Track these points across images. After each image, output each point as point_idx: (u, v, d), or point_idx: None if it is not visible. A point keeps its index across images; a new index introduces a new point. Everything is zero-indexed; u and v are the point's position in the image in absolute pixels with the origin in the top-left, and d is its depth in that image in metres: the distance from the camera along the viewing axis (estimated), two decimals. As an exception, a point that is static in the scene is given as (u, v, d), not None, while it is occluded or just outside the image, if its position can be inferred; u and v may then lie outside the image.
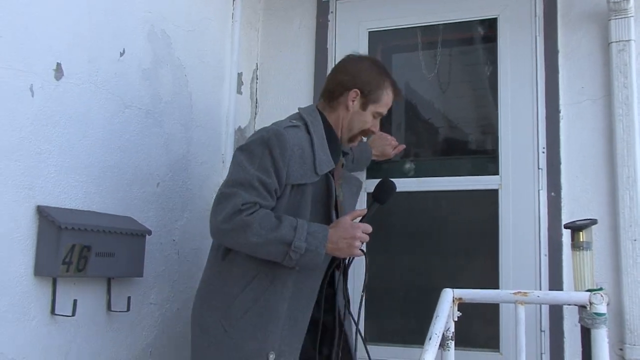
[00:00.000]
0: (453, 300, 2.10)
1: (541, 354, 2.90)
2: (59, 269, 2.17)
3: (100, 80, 2.47)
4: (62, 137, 2.29)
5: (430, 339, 1.94)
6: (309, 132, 2.31)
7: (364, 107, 2.41)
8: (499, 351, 2.99)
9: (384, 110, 2.47)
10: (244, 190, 2.16)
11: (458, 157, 3.37)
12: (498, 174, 3.12)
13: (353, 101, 2.40)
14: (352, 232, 2.21)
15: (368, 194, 3.28)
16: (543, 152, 3.02)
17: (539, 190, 3.01)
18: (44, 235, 2.17)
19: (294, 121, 2.34)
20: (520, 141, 3.09)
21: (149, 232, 2.58)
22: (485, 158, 3.25)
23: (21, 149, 2.13)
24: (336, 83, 2.43)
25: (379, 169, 3.32)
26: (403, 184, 3.22)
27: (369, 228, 2.26)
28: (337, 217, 2.36)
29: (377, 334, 3.23)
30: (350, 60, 2.53)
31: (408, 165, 3.36)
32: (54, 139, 2.26)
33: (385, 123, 3.39)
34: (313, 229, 2.18)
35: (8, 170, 2.09)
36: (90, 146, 2.42)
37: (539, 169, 3.03)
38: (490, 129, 3.26)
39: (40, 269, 2.17)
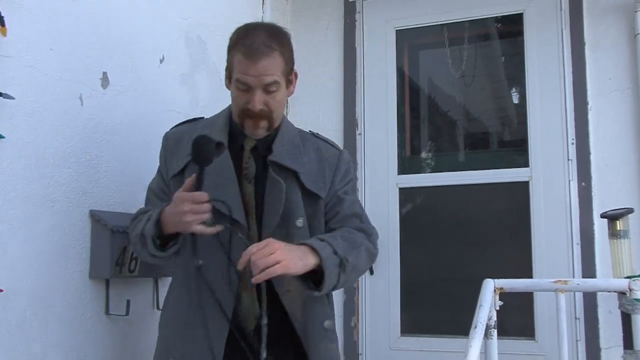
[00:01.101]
0: (494, 290, 2.17)
1: (577, 340, 2.97)
2: (112, 271, 2.26)
3: (142, 87, 2.55)
4: (110, 143, 2.38)
5: (475, 327, 2.00)
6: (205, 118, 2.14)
7: (229, 79, 1.98)
8: (534, 339, 3.05)
9: (241, 76, 1.90)
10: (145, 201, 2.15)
11: (488, 151, 3.45)
12: (528, 166, 3.18)
13: (227, 77, 2.01)
14: (181, 206, 1.79)
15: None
16: (572, 144, 3.08)
17: (569, 181, 3.07)
18: (97, 238, 2.26)
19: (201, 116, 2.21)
20: (549, 133, 3.15)
21: (194, 233, 2.65)
22: (515, 151, 3.32)
23: (73, 155, 2.22)
24: None
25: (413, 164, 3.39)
26: (436, 179, 3.31)
27: (200, 197, 1.79)
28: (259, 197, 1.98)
29: (414, 326, 3.30)
30: None
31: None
32: (103, 145, 2.35)
33: (414, 119, 3.46)
34: (155, 211, 1.92)
35: (62, 176, 2.18)
36: (135, 151, 2.50)
37: (568, 160, 3.09)
38: (519, 123, 3.32)
39: (94, 271, 2.26)
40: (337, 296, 3.37)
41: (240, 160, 2.00)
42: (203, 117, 2.15)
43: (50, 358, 2.10)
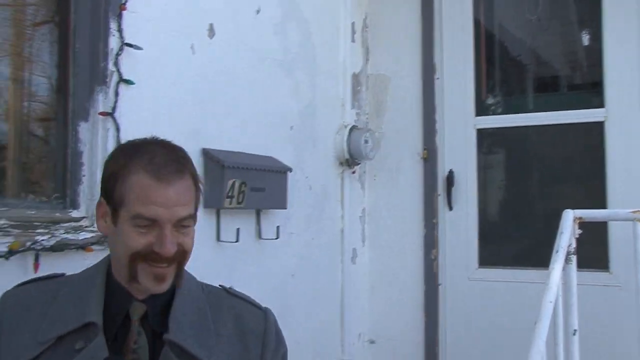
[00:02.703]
0: (574, 220, 2.34)
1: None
2: (223, 202, 2.53)
3: (242, 37, 2.78)
4: (217, 88, 2.63)
5: (557, 252, 2.20)
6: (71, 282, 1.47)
7: (113, 217, 1.41)
8: (609, 271, 3.22)
9: (144, 209, 1.37)
10: None
11: (563, 93, 3.57)
12: (604, 107, 3.29)
13: (103, 215, 1.45)
14: None
15: (478, 129, 3.52)
16: (649, 84, 3.18)
17: (645, 120, 3.19)
18: (210, 173, 2.53)
19: (64, 274, 1.54)
20: (624, 74, 3.24)
21: (290, 169, 2.91)
22: (590, 92, 3.43)
23: (187, 99, 2.48)
24: None
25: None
26: (511, 120, 3.47)
27: None
28: None
29: (491, 258, 3.51)
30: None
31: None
32: (212, 89, 2.60)
33: (490, 63, 3.61)
34: None
35: (178, 118, 2.44)
36: (238, 96, 2.75)
37: (644, 99, 3.20)
38: (593, 65, 3.42)
39: (208, 202, 2.53)
40: (417, 230, 3.61)
41: (124, 337, 1.40)
42: (57, 275, 1.52)
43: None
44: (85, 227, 2.08)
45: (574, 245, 2.35)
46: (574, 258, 2.34)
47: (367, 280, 3.73)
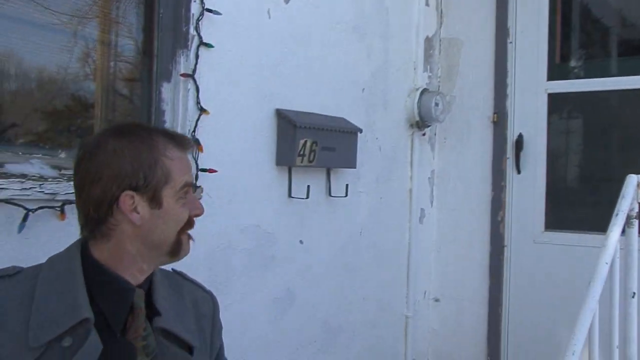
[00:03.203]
0: (637, 184, 2.37)
1: None
2: (295, 160, 2.67)
3: (316, 2, 2.88)
4: (291, 51, 2.75)
5: (617, 215, 2.25)
6: (36, 278, 1.37)
7: (156, 202, 1.41)
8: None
9: (187, 177, 1.46)
10: None
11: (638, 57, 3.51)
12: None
13: (135, 207, 1.39)
14: None
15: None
16: None
17: None
18: (282, 133, 2.67)
19: (16, 267, 1.41)
20: None
21: (360, 130, 3.02)
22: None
23: (263, 61, 2.62)
24: (92, 199, 1.39)
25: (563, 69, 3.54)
26: (583, 85, 3.47)
27: None
28: None
29: (557, 222, 3.54)
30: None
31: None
32: (286, 53, 2.72)
33: (565, 26, 3.59)
34: None
35: (253, 80, 2.58)
36: (311, 59, 2.87)
37: None
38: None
39: (280, 160, 2.68)
40: (485, 193, 3.67)
41: (123, 330, 1.39)
42: (10, 273, 1.39)
43: (238, 225, 2.57)
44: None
45: (636, 209, 2.38)
46: (635, 222, 2.37)
47: (434, 240, 3.83)
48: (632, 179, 2.38)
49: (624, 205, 2.28)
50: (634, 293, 2.39)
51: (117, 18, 2.33)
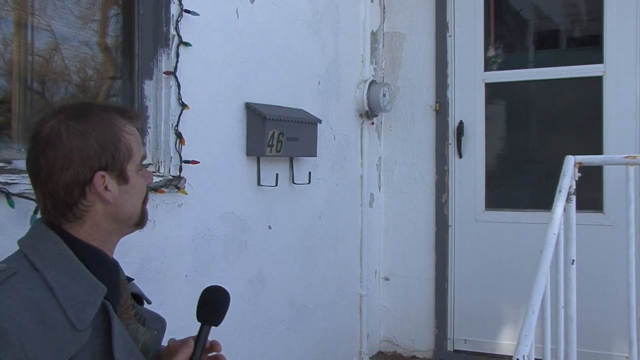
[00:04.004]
0: (575, 164, 2.67)
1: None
2: (264, 150, 2.85)
3: (277, 1, 3.06)
4: (257, 47, 2.92)
5: (560, 191, 2.53)
6: (36, 269, 1.35)
7: (123, 179, 1.45)
8: (602, 212, 3.58)
9: (143, 150, 1.55)
10: None
11: (566, 49, 3.86)
12: (603, 63, 3.60)
13: (105, 187, 1.42)
14: None
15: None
16: (645, 42, 3.48)
17: (640, 76, 3.50)
18: (252, 125, 2.84)
19: (2, 266, 1.35)
20: (623, 33, 3.54)
21: (320, 121, 3.23)
22: (591, 49, 3.73)
23: (232, 58, 2.78)
24: (62, 184, 1.39)
25: (497, 62, 3.84)
26: (518, 75, 3.79)
27: None
28: None
29: (496, 202, 3.86)
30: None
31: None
32: (252, 49, 2.89)
33: (498, 22, 3.90)
34: None
35: (224, 75, 2.74)
36: (274, 54, 3.04)
37: (640, 56, 3.50)
38: (595, 24, 3.71)
39: (250, 150, 2.85)
40: (429, 176, 3.95)
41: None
42: (16, 265, 1.36)
43: (215, 213, 2.74)
44: (153, 172, 2.40)
45: (574, 187, 2.68)
46: (573, 198, 2.67)
47: (383, 223, 4.08)
48: (570, 159, 2.68)
49: (565, 183, 2.57)
50: (573, 260, 2.70)
51: (100, 20, 2.43)
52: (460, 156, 3.90)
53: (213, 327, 1.51)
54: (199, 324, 1.50)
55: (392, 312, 4.08)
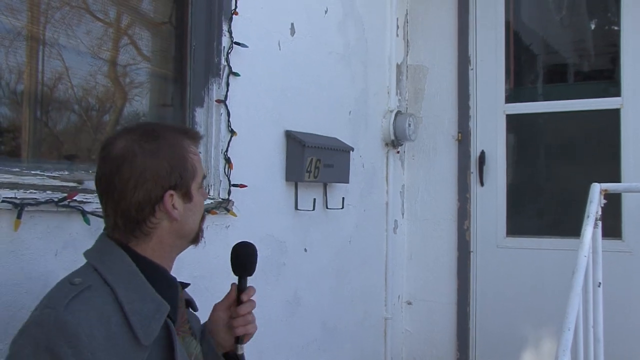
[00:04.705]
0: (600, 191, 2.81)
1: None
2: (303, 176, 2.98)
3: (314, 34, 3.22)
4: (296, 78, 3.07)
5: (588, 217, 2.67)
6: (107, 284, 1.41)
7: (188, 197, 1.55)
8: (621, 239, 3.70)
9: (202, 170, 1.61)
10: None
11: (584, 83, 4.04)
12: (620, 96, 3.76)
13: (173, 205, 1.51)
14: (250, 316, 1.75)
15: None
16: (660, 77, 3.65)
17: (656, 108, 3.66)
18: (292, 151, 2.98)
19: (77, 280, 1.41)
20: (638, 67, 3.71)
21: (352, 149, 3.37)
22: (608, 82, 3.90)
23: (274, 87, 2.93)
24: (135, 202, 1.47)
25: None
26: (538, 107, 3.96)
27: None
28: None
29: (517, 228, 3.99)
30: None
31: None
32: (292, 80, 3.04)
33: (518, 56, 4.07)
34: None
35: (267, 104, 2.88)
36: (310, 84, 3.20)
37: (655, 90, 3.67)
38: (611, 59, 3.89)
39: (289, 176, 2.99)
40: (451, 204, 4.08)
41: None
42: (88, 279, 1.42)
43: (257, 235, 2.86)
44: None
45: (600, 212, 2.82)
46: (599, 223, 2.81)
47: (406, 249, 4.21)
48: (596, 187, 2.82)
49: (593, 209, 2.71)
50: (600, 283, 2.82)
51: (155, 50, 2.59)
52: (482, 184, 4.04)
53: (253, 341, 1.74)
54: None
55: (414, 336, 4.18)
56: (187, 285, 1.69)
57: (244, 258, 1.74)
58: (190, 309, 1.72)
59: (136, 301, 1.41)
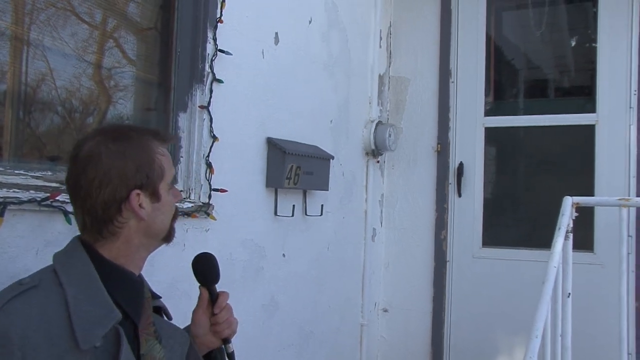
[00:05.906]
0: (572, 204, 2.89)
1: (628, 254, 3.68)
2: (283, 182, 3.03)
3: (298, 43, 3.28)
4: (279, 86, 3.13)
5: (559, 229, 2.75)
6: (60, 285, 1.42)
7: (156, 197, 1.58)
8: (593, 251, 3.79)
9: (172, 170, 1.64)
10: None
11: (561, 98, 4.14)
12: (595, 112, 3.85)
13: (140, 204, 1.54)
14: (232, 317, 1.87)
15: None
16: (635, 94, 3.74)
17: (629, 125, 3.75)
18: (273, 158, 3.03)
19: (26, 279, 1.44)
20: (615, 85, 3.81)
21: (332, 157, 3.43)
22: (585, 99, 4.00)
23: (257, 95, 2.98)
24: (100, 201, 1.50)
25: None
26: (515, 120, 4.04)
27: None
28: None
29: (493, 239, 4.07)
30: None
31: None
32: (275, 88, 3.10)
33: (498, 70, 4.16)
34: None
35: (249, 111, 2.94)
36: (293, 93, 3.25)
37: (630, 108, 3.76)
38: (589, 75, 3.98)
39: (270, 182, 3.04)
40: (429, 214, 4.15)
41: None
42: (40, 278, 1.44)
43: (237, 239, 2.91)
44: (185, 199, 2.58)
45: (571, 225, 2.90)
46: (570, 236, 2.89)
47: (383, 257, 4.27)
48: (568, 200, 2.90)
49: (564, 221, 2.79)
50: (569, 293, 2.90)
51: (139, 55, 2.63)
52: (460, 195, 4.11)
53: None
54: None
55: (390, 343, 4.24)
56: (157, 297, 1.71)
57: (202, 272, 1.81)
58: (165, 317, 1.74)
59: (85, 304, 1.41)
